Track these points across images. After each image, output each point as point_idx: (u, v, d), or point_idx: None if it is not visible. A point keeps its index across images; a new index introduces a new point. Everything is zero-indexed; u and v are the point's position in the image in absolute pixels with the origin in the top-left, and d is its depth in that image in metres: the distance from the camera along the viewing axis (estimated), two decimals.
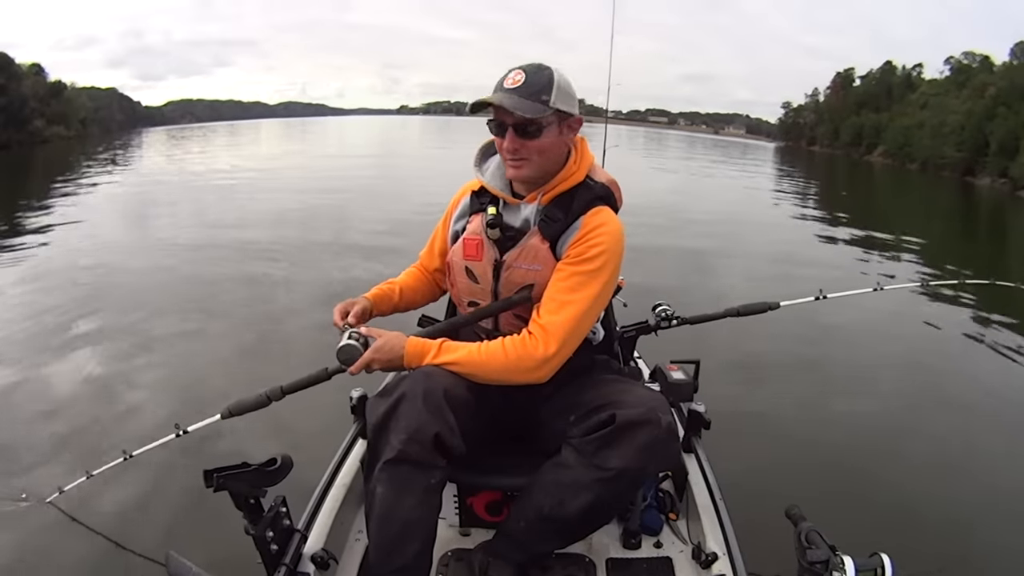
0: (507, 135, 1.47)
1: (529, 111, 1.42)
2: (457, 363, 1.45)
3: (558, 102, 1.45)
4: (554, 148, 1.50)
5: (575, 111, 1.50)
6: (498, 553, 1.55)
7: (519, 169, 1.50)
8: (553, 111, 1.45)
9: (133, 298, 5.65)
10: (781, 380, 4.22)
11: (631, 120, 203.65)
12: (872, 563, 1.14)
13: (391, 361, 1.47)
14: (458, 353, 1.46)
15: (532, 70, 1.45)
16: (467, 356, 1.45)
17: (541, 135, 1.46)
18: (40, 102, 47.76)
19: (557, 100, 1.45)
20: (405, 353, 1.46)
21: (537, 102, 1.43)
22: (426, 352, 1.46)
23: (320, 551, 1.52)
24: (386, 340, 1.47)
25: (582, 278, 1.46)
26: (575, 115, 1.50)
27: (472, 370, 1.45)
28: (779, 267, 7.81)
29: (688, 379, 2.11)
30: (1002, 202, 26.80)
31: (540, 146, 1.47)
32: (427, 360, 1.46)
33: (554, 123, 1.47)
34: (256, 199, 12.40)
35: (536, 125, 1.45)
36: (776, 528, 1.40)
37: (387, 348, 1.46)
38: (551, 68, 1.47)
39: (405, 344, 1.47)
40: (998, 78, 44.64)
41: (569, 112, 1.49)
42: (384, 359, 1.46)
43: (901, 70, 68.81)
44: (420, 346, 1.47)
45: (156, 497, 2.73)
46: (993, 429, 3.66)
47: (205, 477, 1.29)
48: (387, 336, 1.48)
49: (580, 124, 1.53)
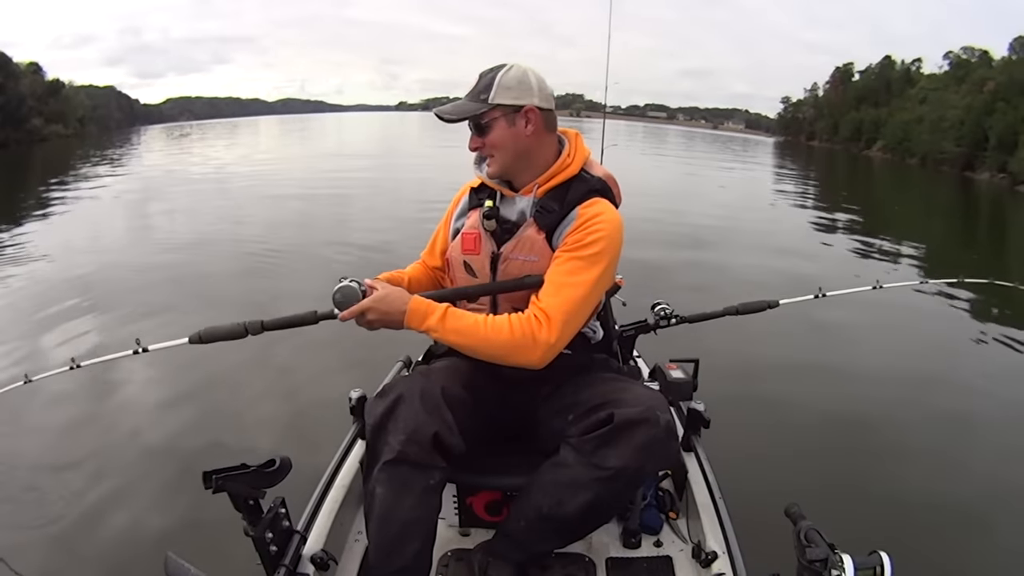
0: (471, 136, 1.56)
1: (460, 112, 1.51)
2: (460, 331, 1.43)
3: (498, 97, 1.49)
4: (508, 142, 1.52)
5: (527, 102, 1.51)
6: (498, 553, 1.55)
7: (490, 166, 1.57)
8: (491, 107, 1.49)
9: (130, 295, 5.67)
10: (780, 378, 4.22)
11: (630, 115, 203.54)
12: (871, 561, 1.14)
13: (389, 315, 1.43)
14: (463, 321, 1.44)
15: (485, 72, 1.53)
16: (472, 326, 1.43)
17: (491, 130, 1.52)
18: (38, 100, 47.73)
19: (497, 96, 1.49)
20: (407, 310, 1.43)
21: (475, 102, 1.50)
22: (430, 314, 1.43)
23: (320, 552, 1.52)
24: (388, 292, 1.45)
25: (580, 263, 1.46)
26: (526, 105, 1.51)
27: (474, 342, 1.43)
28: (778, 265, 7.80)
29: (687, 378, 2.11)
30: (1001, 197, 26.78)
31: (492, 141, 1.53)
32: (429, 322, 1.43)
33: (498, 117, 1.51)
34: (254, 198, 12.38)
35: (479, 123, 1.52)
36: (775, 526, 1.40)
37: (387, 300, 1.44)
38: (507, 66, 1.53)
39: (408, 301, 1.44)
40: (997, 73, 44.48)
41: (515, 104, 1.50)
42: (382, 310, 1.43)
43: (900, 65, 68.63)
44: (424, 306, 1.44)
45: (154, 499, 2.73)
46: (993, 427, 3.67)
47: (204, 478, 1.29)
48: (390, 289, 1.46)
49: (538, 114, 1.52)
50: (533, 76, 1.53)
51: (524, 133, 1.52)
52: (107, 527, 2.57)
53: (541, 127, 1.53)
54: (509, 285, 1.54)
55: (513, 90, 1.50)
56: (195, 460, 2.65)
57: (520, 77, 1.51)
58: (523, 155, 1.54)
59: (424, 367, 1.71)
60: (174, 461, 2.92)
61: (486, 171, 1.61)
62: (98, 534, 2.54)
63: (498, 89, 1.49)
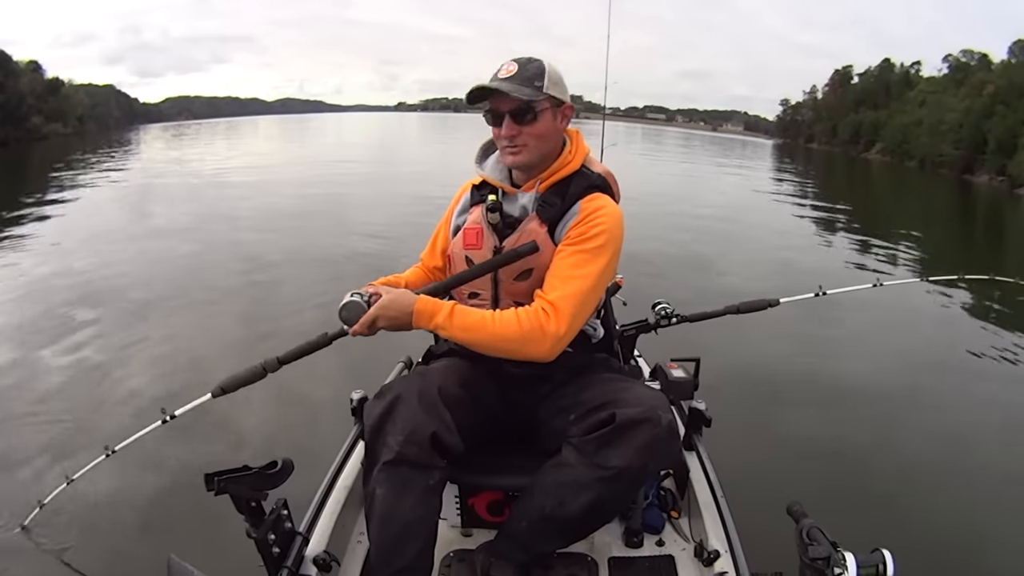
0: (504, 123, 1.51)
1: (525, 95, 1.47)
2: (468, 327, 1.43)
3: (551, 88, 1.50)
4: (550, 134, 1.54)
5: (567, 99, 1.55)
6: (500, 553, 1.54)
7: (517, 155, 1.54)
8: (547, 96, 1.50)
9: (126, 293, 5.68)
10: (782, 377, 4.22)
11: (629, 117, 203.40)
12: (874, 559, 1.14)
13: (397, 319, 1.43)
14: (471, 317, 1.44)
15: (523, 61, 1.52)
16: (480, 321, 1.43)
17: (537, 120, 1.51)
18: (37, 99, 47.68)
19: (550, 87, 1.50)
20: (414, 311, 1.43)
21: (531, 87, 1.48)
22: (437, 312, 1.43)
23: (322, 553, 1.52)
24: (393, 297, 1.45)
25: (585, 256, 1.47)
26: (567, 103, 1.55)
27: (482, 337, 1.43)
28: (779, 264, 7.83)
29: (688, 377, 2.11)
30: (1000, 200, 26.80)
31: (536, 131, 1.51)
32: (437, 320, 1.43)
33: (548, 109, 1.51)
34: (251, 198, 12.34)
35: (532, 111, 1.49)
36: (778, 525, 1.40)
37: (394, 305, 1.44)
38: (541, 59, 1.53)
39: (415, 302, 1.44)
40: (996, 76, 44.57)
41: (561, 99, 1.53)
42: (390, 316, 1.43)
43: (899, 68, 68.72)
44: (431, 305, 1.44)
45: (156, 501, 2.72)
46: (994, 424, 3.67)
47: (206, 480, 1.29)
48: (394, 293, 1.46)
49: (572, 112, 1.57)
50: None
51: (560, 128, 1.56)
52: (109, 529, 2.56)
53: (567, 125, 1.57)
54: (506, 257, 1.52)
55: (559, 85, 1.53)
56: (197, 462, 2.65)
57: (559, 74, 1.54)
58: (551, 150, 1.56)
59: (422, 367, 1.71)
60: (176, 463, 2.92)
61: (490, 167, 1.62)
62: (100, 536, 2.53)
63: (549, 80, 1.50)
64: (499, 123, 1.52)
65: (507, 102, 1.48)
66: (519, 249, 1.50)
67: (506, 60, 1.53)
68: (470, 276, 1.56)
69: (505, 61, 1.53)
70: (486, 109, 1.53)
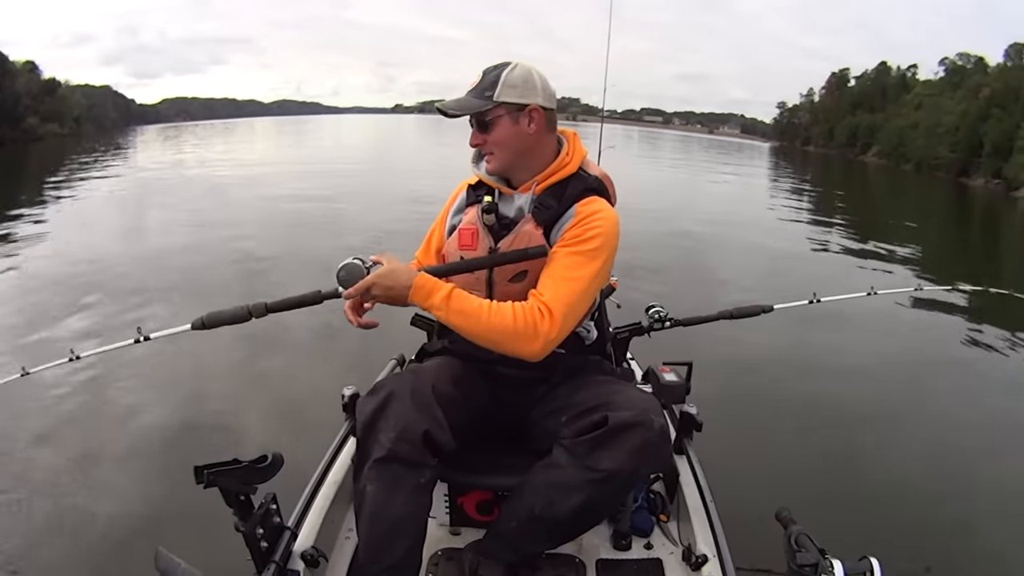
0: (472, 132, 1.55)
1: (471, 107, 1.50)
2: (464, 312, 1.42)
3: (503, 95, 1.49)
4: (511, 140, 1.53)
5: (531, 101, 1.51)
6: (488, 553, 1.54)
7: (490, 162, 1.57)
8: (496, 104, 1.49)
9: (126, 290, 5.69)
10: (773, 383, 4.22)
11: (626, 119, 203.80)
12: (861, 567, 1.14)
13: (393, 290, 1.42)
14: (468, 303, 1.43)
15: (489, 70, 1.53)
16: (476, 309, 1.43)
17: (494, 127, 1.52)
18: (34, 100, 47.64)
19: (502, 94, 1.49)
20: (412, 285, 1.42)
21: (480, 98, 1.49)
22: (436, 291, 1.42)
23: (310, 549, 1.52)
24: (393, 268, 1.44)
25: (580, 258, 1.46)
26: (531, 104, 1.51)
27: (476, 326, 1.42)
28: (773, 270, 7.83)
29: (680, 381, 2.10)
30: (996, 203, 26.91)
31: (495, 139, 1.53)
32: (434, 299, 1.42)
33: (503, 115, 1.51)
34: (251, 200, 12.32)
35: (483, 120, 1.52)
36: (766, 531, 1.40)
37: (393, 275, 1.43)
38: (511, 64, 1.52)
39: (414, 276, 1.43)
40: (992, 79, 44.79)
41: (519, 103, 1.51)
42: (386, 285, 1.42)
43: (896, 71, 69.04)
44: (430, 283, 1.43)
45: (144, 493, 2.72)
46: (984, 434, 3.67)
47: (195, 473, 1.28)
48: (396, 264, 1.45)
49: (541, 114, 1.53)
50: (537, 75, 1.53)
51: (527, 132, 1.53)
52: (97, 521, 2.56)
53: (543, 126, 1.54)
54: (515, 255, 1.51)
55: (518, 88, 1.50)
56: (186, 454, 2.64)
57: (525, 76, 1.51)
58: (524, 153, 1.55)
59: (415, 365, 1.71)
60: (165, 455, 2.91)
61: (484, 168, 1.62)
62: (88, 528, 2.53)
63: (503, 87, 1.49)
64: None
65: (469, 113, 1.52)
66: (529, 250, 1.49)
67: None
68: (476, 265, 1.55)
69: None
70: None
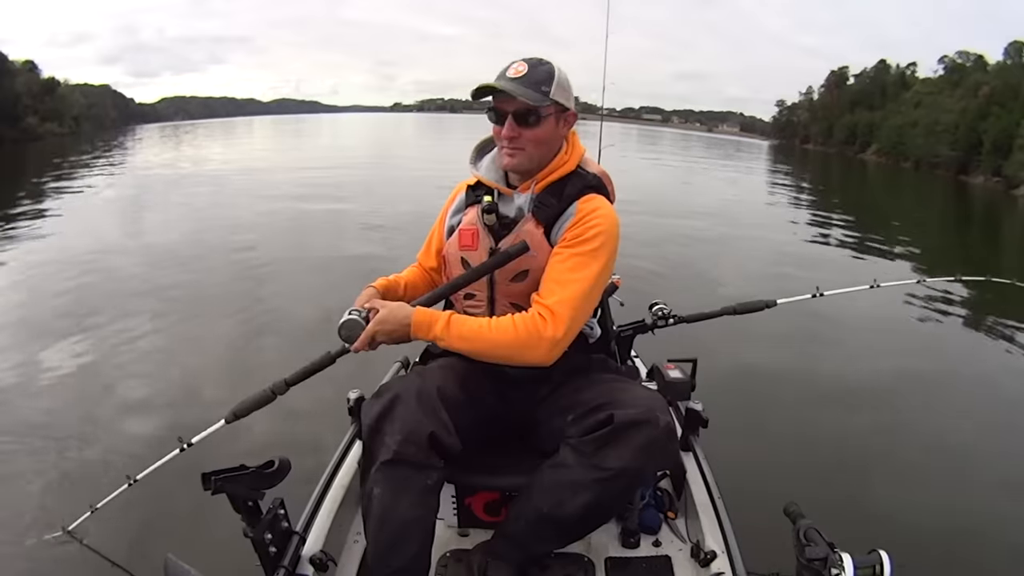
0: (506, 123, 1.50)
1: (531, 99, 1.45)
2: (466, 337, 1.43)
3: (556, 94, 1.49)
4: (550, 140, 1.53)
5: (571, 106, 1.54)
6: (497, 553, 1.54)
7: (513, 157, 1.53)
8: (552, 102, 1.49)
9: (122, 300, 5.63)
10: (778, 378, 4.23)
11: (625, 118, 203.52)
12: (871, 560, 1.14)
13: (395, 332, 1.44)
14: (468, 326, 1.44)
15: (534, 63, 1.50)
16: (477, 331, 1.43)
17: (540, 124, 1.50)
18: (33, 99, 47.59)
19: (556, 93, 1.49)
20: (412, 323, 1.43)
21: (538, 92, 1.47)
22: (434, 323, 1.44)
23: (319, 553, 1.52)
24: (390, 311, 1.45)
25: (582, 259, 1.46)
26: (571, 109, 1.54)
27: (480, 346, 1.43)
28: (775, 265, 7.83)
29: (685, 378, 2.11)
30: (996, 201, 26.88)
31: (537, 135, 1.51)
32: (435, 331, 1.43)
33: (552, 114, 1.51)
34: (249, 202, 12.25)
35: (535, 114, 1.48)
36: (775, 526, 1.40)
37: (392, 319, 1.44)
38: (551, 63, 1.52)
39: (411, 314, 1.44)
40: (992, 77, 44.78)
41: (566, 106, 1.53)
42: (388, 330, 1.44)
43: (895, 69, 68.85)
44: (428, 316, 1.45)
45: (153, 500, 2.71)
46: (990, 425, 3.67)
47: (203, 480, 1.29)
48: (391, 307, 1.46)
49: (575, 119, 1.57)
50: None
51: (561, 134, 1.55)
52: (106, 529, 2.55)
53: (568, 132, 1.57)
54: (498, 260, 1.52)
55: (566, 91, 1.52)
56: (194, 461, 2.63)
57: (567, 80, 1.53)
58: (548, 154, 1.56)
59: (420, 367, 1.71)
60: (173, 462, 2.90)
61: (485, 167, 1.62)
62: (97, 536, 2.52)
63: (557, 86, 1.49)
64: (501, 122, 1.51)
65: (512, 103, 1.47)
66: (509, 250, 1.50)
67: (516, 59, 1.52)
68: (464, 282, 1.56)
69: (515, 60, 1.51)
70: (489, 107, 1.53)
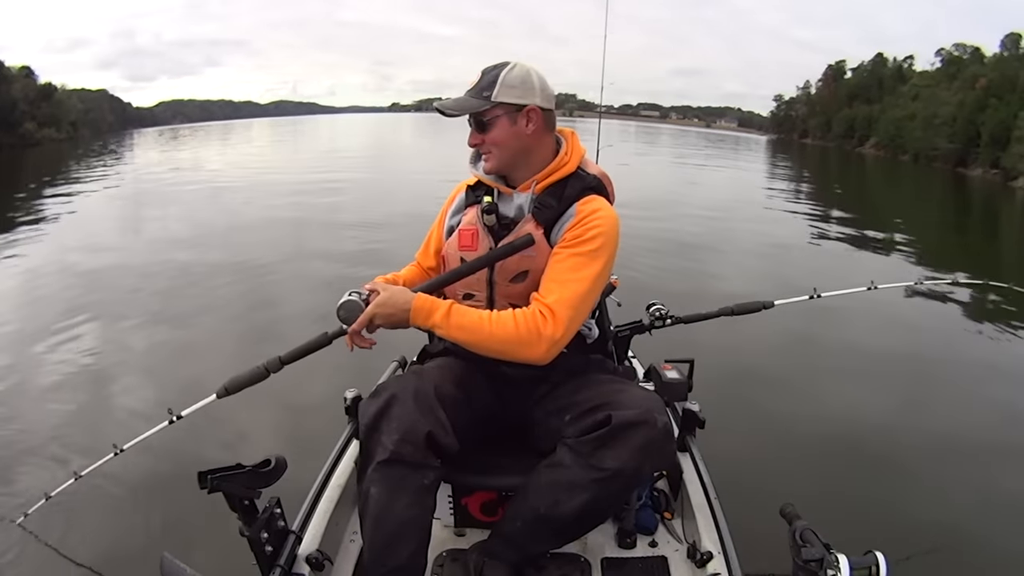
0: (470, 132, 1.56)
1: (463, 108, 1.51)
2: (465, 327, 1.43)
3: (501, 96, 1.50)
4: (509, 140, 1.53)
5: (529, 101, 1.52)
6: (493, 553, 1.54)
7: (487, 161, 1.58)
8: (494, 105, 1.50)
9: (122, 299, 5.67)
10: (775, 379, 4.21)
11: (623, 114, 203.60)
12: (866, 561, 1.14)
13: (394, 316, 1.44)
14: (468, 317, 1.44)
15: (488, 70, 1.53)
16: (477, 322, 1.44)
17: (490, 128, 1.53)
18: (30, 105, 47.60)
19: (500, 94, 1.50)
20: (412, 308, 1.43)
21: (478, 98, 1.50)
22: (435, 310, 1.44)
23: (315, 552, 1.52)
24: (391, 294, 1.45)
25: (582, 259, 1.47)
26: (529, 105, 1.52)
27: (479, 338, 1.44)
28: (773, 265, 7.82)
29: (682, 378, 2.10)
30: (995, 193, 26.85)
31: (493, 139, 1.54)
32: (435, 318, 1.43)
33: (501, 116, 1.52)
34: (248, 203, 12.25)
35: (480, 120, 1.53)
36: (771, 527, 1.40)
37: (391, 302, 1.44)
38: (510, 64, 1.53)
39: (412, 300, 1.44)
40: (989, 69, 44.73)
41: (518, 103, 1.51)
42: (387, 313, 1.44)
43: (892, 62, 68.84)
44: (428, 303, 1.45)
45: (149, 498, 2.72)
46: (987, 428, 3.65)
47: (199, 479, 1.29)
48: (392, 290, 1.46)
49: (539, 115, 1.54)
50: (536, 76, 1.54)
51: (524, 132, 1.54)
52: (102, 527, 2.56)
53: (542, 127, 1.55)
54: (502, 252, 1.52)
55: (516, 89, 1.51)
56: (190, 460, 2.64)
57: (523, 76, 1.52)
58: (522, 153, 1.55)
59: (418, 367, 1.71)
60: (169, 460, 2.91)
61: (482, 168, 1.62)
62: (93, 534, 2.52)
63: (501, 87, 1.50)
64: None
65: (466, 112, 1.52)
66: (515, 243, 1.50)
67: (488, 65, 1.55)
68: (467, 271, 1.56)
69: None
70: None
